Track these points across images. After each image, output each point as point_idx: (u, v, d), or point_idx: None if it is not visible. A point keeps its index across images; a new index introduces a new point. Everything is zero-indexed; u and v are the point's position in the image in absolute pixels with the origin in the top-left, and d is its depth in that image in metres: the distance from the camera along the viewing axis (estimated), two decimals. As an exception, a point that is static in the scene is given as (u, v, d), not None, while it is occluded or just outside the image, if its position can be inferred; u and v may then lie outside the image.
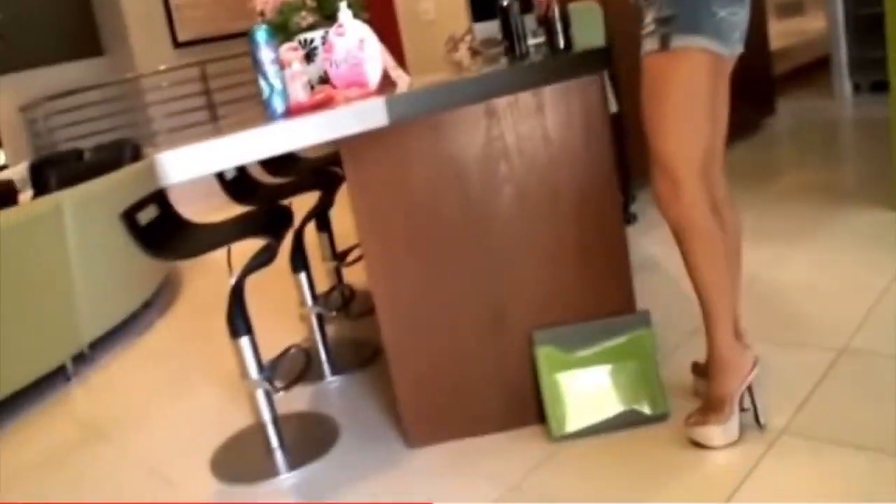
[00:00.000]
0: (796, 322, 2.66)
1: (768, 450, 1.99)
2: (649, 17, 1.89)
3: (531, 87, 2.13)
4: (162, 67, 7.54)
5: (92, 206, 3.62)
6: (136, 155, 4.46)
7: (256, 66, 1.87)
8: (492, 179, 2.17)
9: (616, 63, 3.12)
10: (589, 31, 3.91)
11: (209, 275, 4.59)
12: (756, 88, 5.44)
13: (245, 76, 7.54)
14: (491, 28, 4.17)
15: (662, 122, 1.93)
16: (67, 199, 3.48)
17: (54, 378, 3.45)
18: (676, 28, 1.84)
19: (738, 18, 1.91)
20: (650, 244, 3.46)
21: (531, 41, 2.59)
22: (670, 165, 1.93)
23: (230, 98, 7.47)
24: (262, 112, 2.00)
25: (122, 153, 4.40)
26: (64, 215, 3.41)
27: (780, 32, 7.89)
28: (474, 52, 4.30)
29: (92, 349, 3.69)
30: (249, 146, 1.76)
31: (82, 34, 8.10)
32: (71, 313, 3.52)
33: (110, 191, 3.79)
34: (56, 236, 3.40)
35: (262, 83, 1.86)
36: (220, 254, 2.32)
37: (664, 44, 1.85)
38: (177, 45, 7.87)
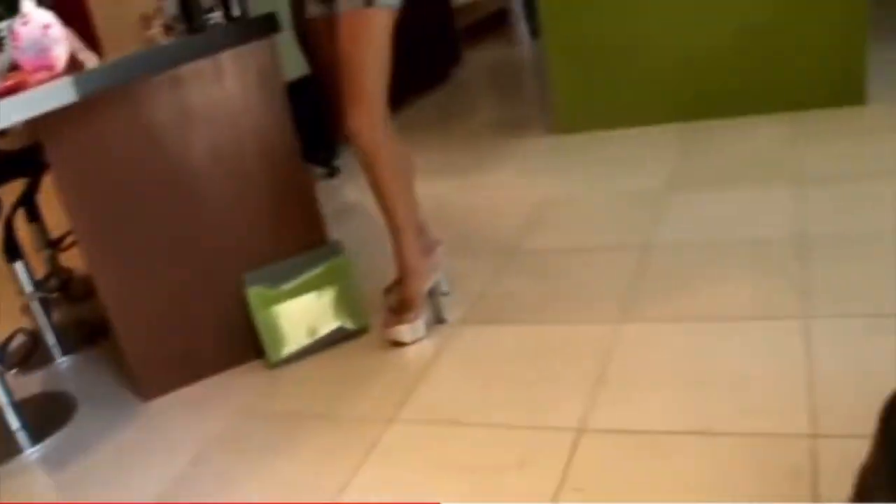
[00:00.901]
0: (476, 234, 3.12)
1: (449, 339, 2.41)
2: None
3: (210, 54, 2.36)
4: None
5: None
6: None
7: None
8: (184, 142, 2.39)
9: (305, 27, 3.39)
10: None
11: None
12: (441, 41, 5.96)
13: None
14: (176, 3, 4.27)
15: (367, 64, 2.27)
16: None
17: None
18: None
19: None
20: (352, 192, 3.83)
21: (211, 16, 2.80)
22: (371, 101, 2.28)
23: None
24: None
25: None
26: None
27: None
28: (168, 29, 4.38)
29: None
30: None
31: None
32: None
33: None
34: None
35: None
36: None
37: (369, 2, 2.22)
38: None
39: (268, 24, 2.50)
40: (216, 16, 2.79)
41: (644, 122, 3.87)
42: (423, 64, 5.22)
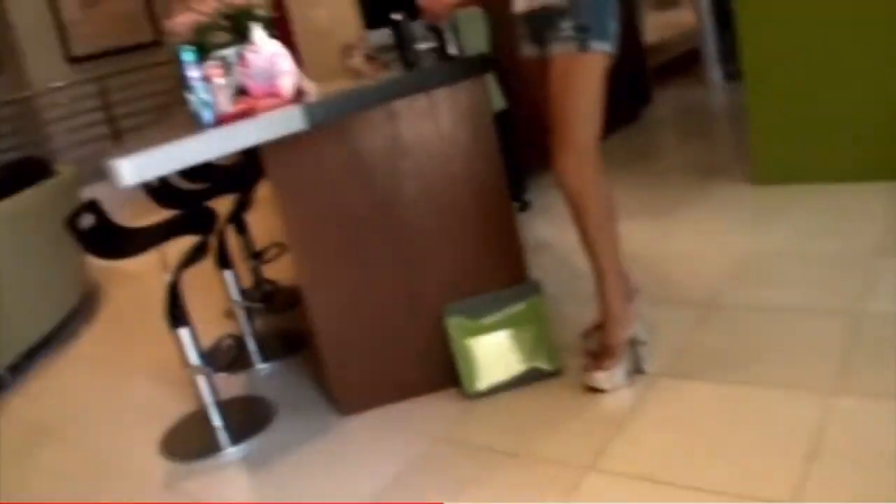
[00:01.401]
0: (674, 283, 3.04)
1: (648, 390, 2.35)
2: (567, 25, 2.26)
3: (425, 91, 2.44)
4: (58, 84, 7.52)
5: (11, 222, 3.74)
6: (48, 171, 4.55)
7: (185, 82, 2.11)
8: (396, 173, 2.47)
9: (502, 64, 3.46)
10: (473, 37, 4.26)
11: (127, 285, 4.76)
12: (633, 81, 5.91)
13: (143, 89, 7.65)
14: (384, 35, 4.46)
15: (577, 106, 2.29)
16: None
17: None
18: (591, 35, 2.25)
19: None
20: (543, 227, 3.83)
21: (421, 46, 2.90)
22: (580, 143, 2.30)
23: (131, 111, 7.53)
24: (184, 122, 2.24)
25: (32, 170, 4.48)
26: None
27: (658, 25, 8.44)
28: (369, 59, 4.58)
29: (25, 359, 3.81)
30: (193, 151, 2.01)
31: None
32: (2, 325, 3.64)
33: (28, 207, 3.92)
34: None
35: (191, 97, 2.11)
36: (133, 265, 2.54)
37: (583, 47, 2.25)
38: (71, 60, 7.86)
39: (482, 64, 2.56)
40: (427, 46, 2.90)
41: (852, 177, 3.65)
42: (613, 102, 5.14)
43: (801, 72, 3.70)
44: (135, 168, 1.88)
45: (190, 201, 2.98)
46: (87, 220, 2.51)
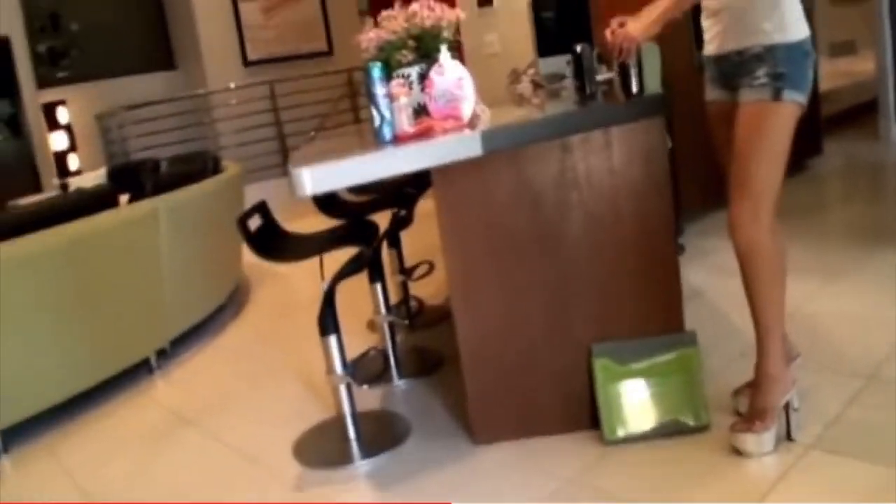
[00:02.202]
0: (831, 349, 2.88)
1: (798, 461, 2.22)
2: (762, 72, 2.21)
3: (602, 127, 2.41)
4: (232, 85, 7.93)
5: (183, 212, 3.95)
6: (216, 167, 4.79)
7: (370, 97, 2.16)
8: (562, 205, 2.44)
9: (670, 103, 3.37)
10: (650, 72, 4.19)
11: (275, 285, 4.93)
12: (804, 129, 5.65)
13: (310, 96, 7.96)
14: (555, 63, 4.45)
15: (762, 157, 2.23)
16: (162, 204, 3.80)
17: (137, 371, 3.74)
18: (786, 84, 2.19)
19: None
20: (697, 274, 3.70)
21: (600, 77, 2.87)
22: (759, 195, 2.23)
23: (296, 116, 7.84)
24: (363, 138, 2.29)
25: (204, 164, 4.72)
26: (159, 220, 3.73)
27: (832, 73, 8.09)
28: (536, 86, 4.59)
29: (172, 346, 4.00)
30: (372, 167, 2.07)
31: (157, 49, 8.56)
32: (158, 311, 3.84)
33: (199, 199, 4.13)
34: (151, 239, 3.72)
35: (375, 112, 2.16)
36: (284, 266, 2.58)
37: (777, 95, 2.19)
38: (246, 63, 8.28)
39: (660, 105, 2.51)
40: (605, 78, 2.87)
41: None
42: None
43: None
44: (316, 178, 1.93)
45: (352, 212, 3.05)
46: (256, 221, 2.61)
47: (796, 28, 2.24)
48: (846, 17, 10.65)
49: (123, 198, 4.39)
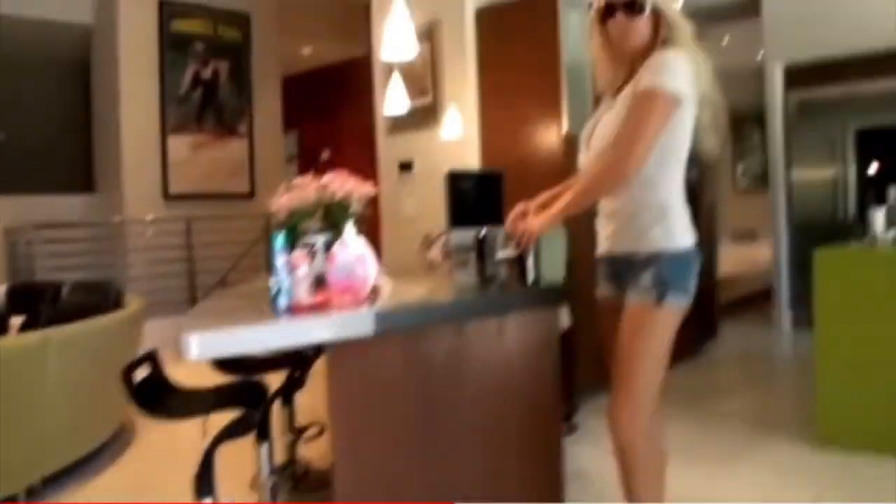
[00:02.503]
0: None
1: None
2: (647, 276, 2.30)
3: (496, 315, 2.47)
4: (149, 217, 7.88)
5: (75, 347, 3.83)
6: (118, 301, 4.69)
7: (271, 265, 2.18)
8: (453, 385, 2.47)
9: (574, 284, 3.50)
10: (553, 260, 4.35)
11: (162, 430, 4.74)
12: (700, 313, 5.90)
13: (227, 237, 7.97)
14: (467, 234, 4.58)
15: (643, 358, 2.30)
16: (54, 337, 3.69)
17: (2, 508, 3.52)
18: (670, 289, 2.28)
19: None
20: (586, 454, 3.74)
21: (500, 256, 2.96)
22: (638, 395, 2.29)
23: (210, 255, 7.81)
24: (260, 302, 2.29)
25: (106, 296, 4.63)
26: (48, 354, 3.61)
27: (733, 258, 8.51)
28: (446, 255, 4.70)
29: (44, 484, 3.77)
30: (262, 338, 2.06)
31: (79, 170, 8.50)
32: (33, 445, 3.65)
33: (94, 334, 4.02)
34: (36, 373, 3.58)
35: (273, 281, 2.17)
36: None
37: (660, 300, 2.28)
38: (167, 196, 8.26)
39: (558, 296, 2.60)
40: (507, 255, 2.96)
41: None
42: (677, 333, 5.15)
43: (879, 332, 3.65)
44: (203, 345, 1.91)
45: (246, 369, 3.00)
46: (143, 371, 2.55)
47: (683, 237, 2.36)
48: (749, 206, 11.36)
49: (17, 320, 4.24)
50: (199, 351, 1.91)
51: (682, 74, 2.24)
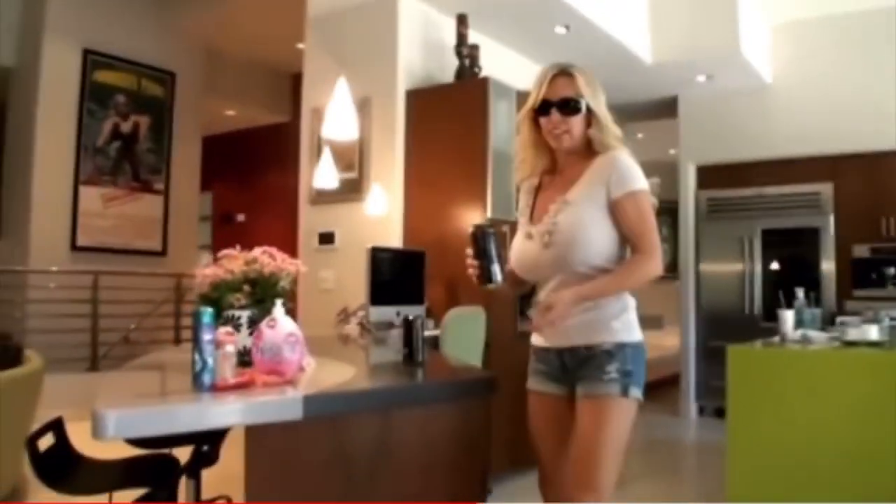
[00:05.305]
0: None
1: None
2: (612, 367, 2.34)
3: (424, 404, 2.46)
4: (54, 268, 7.59)
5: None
6: (18, 357, 4.48)
7: (195, 341, 2.12)
8: (373, 472, 2.40)
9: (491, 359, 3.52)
10: (473, 336, 4.39)
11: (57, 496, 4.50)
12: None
13: (134, 294, 7.74)
14: (385, 312, 4.59)
15: (608, 451, 2.33)
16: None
17: None
18: (633, 381, 2.35)
19: None
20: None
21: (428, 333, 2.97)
22: (604, 488, 2.32)
23: (115, 312, 7.56)
24: (178, 377, 2.22)
25: (5, 352, 4.41)
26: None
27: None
28: (363, 328, 4.69)
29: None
30: (183, 419, 1.97)
31: (-16, 213, 8.17)
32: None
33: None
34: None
35: (197, 357, 2.11)
36: None
37: (625, 391, 2.33)
38: (74, 247, 7.99)
39: (488, 388, 2.59)
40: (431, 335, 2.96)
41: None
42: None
43: (785, 428, 3.74)
44: (120, 424, 1.82)
45: (153, 442, 2.89)
46: (47, 440, 2.44)
47: (637, 330, 2.45)
48: (658, 292, 11.65)
49: None
50: (116, 430, 1.83)
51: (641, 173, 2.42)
